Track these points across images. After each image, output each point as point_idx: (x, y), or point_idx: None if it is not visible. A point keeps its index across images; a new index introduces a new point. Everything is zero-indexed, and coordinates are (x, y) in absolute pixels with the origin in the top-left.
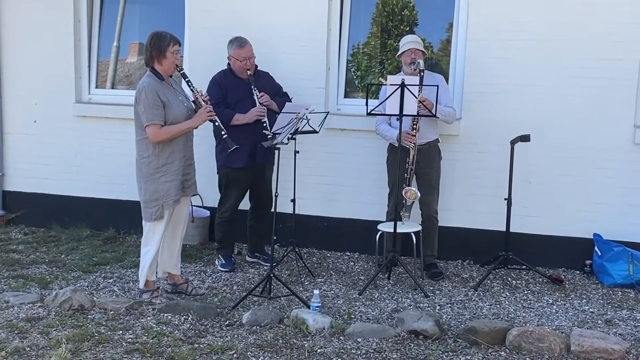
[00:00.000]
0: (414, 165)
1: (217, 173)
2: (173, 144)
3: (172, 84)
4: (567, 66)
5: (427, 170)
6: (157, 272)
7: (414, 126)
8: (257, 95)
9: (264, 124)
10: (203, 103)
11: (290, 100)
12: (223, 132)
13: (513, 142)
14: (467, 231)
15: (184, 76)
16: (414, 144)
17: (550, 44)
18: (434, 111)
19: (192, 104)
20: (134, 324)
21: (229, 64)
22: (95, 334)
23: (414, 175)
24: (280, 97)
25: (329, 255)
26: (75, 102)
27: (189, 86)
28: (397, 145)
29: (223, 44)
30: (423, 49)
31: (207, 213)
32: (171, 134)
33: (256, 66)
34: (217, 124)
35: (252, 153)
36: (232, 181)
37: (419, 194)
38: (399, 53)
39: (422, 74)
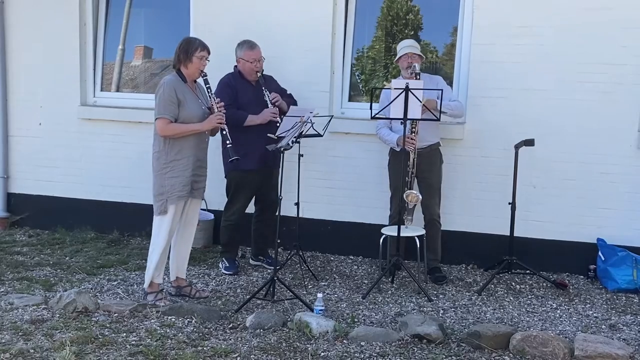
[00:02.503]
0: (414, 169)
1: (225, 177)
2: (182, 142)
3: (196, 88)
4: (571, 71)
5: (428, 173)
6: (166, 276)
7: (413, 129)
8: (268, 97)
9: (278, 124)
10: (216, 109)
11: (295, 102)
12: (228, 142)
13: (517, 147)
14: (471, 235)
15: (206, 82)
16: (414, 147)
17: (554, 48)
18: (437, 112)
19: (209, 110)
20: (138, 327)
21: (235, 66)
22: (99, 337)
23: (415, 179)
24: (287, 97)
25: (332, 258)
26: (81, 105)
27: (208, 92)
28: (397, 149)
29: (228, 48)
30: (420, 53)
31: (211, 216)
32: (177, 131)
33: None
34: (224, 132)
35: (263, 156)
36: (241, 184)
37: (420, 197)
38: (396, 58)
39: (418, 77)
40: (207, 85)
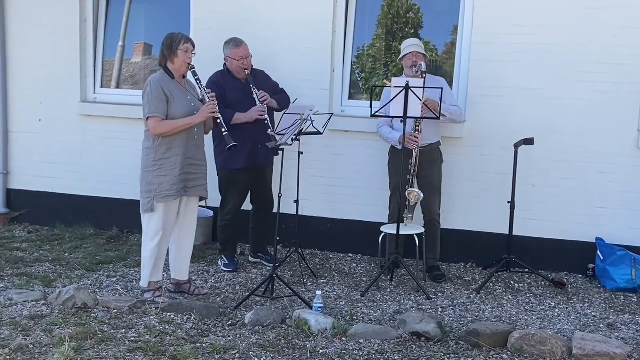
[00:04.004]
0: (416, 167)
1: (217, 175)
2: (171, 140)
3: (185, 84)
4: (571, 70)
5: (429, 172)
6: (165, 273)
7: (417, 128)
8: (257, 94)
9: (266, 122)
10: (207, 100)
11: (287, 97)
12: (223, 130)
13: (517, 146)
14: (470, 234)
15: (195, 74)
16: (417, 145)
17: (554, 47)
18: (438, 113)
19: (201, 103)
20: (137, 323)
21: (224, 64)
22: (99, 333)
23: (416, 178)
24: (278, 94)
25: (331, 256)
26: (81, 101)
27: (198, 84)
28: (399, 147)
29: None
30: (424, 52)
31: (210, 213)
32: (171, 127)
33: (251, 65)
34: (219, 121)
35: (252, 154)
36: (232, 183)
37: (421, 195)
38: (400, 56)
39: (423, 76)
40: (196, 77)
